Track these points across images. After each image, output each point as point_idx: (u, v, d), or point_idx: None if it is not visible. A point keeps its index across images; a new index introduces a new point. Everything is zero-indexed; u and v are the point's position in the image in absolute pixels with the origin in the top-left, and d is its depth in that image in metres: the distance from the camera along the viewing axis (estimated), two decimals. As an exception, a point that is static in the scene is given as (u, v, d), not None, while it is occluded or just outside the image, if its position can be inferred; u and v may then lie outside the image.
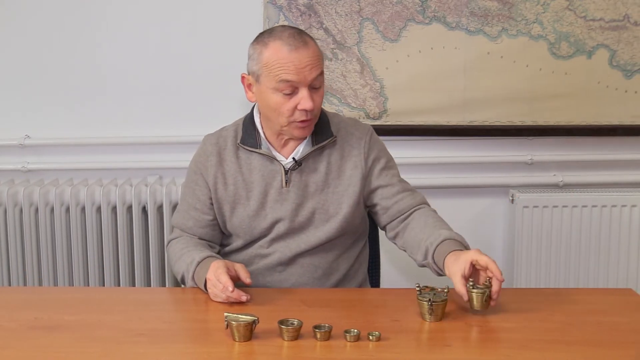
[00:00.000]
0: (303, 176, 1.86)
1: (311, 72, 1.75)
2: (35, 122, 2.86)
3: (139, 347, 1.46)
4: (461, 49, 2.79)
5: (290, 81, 1.74)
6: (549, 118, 2.85)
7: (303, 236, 1.87)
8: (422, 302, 1.58)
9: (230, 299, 1.67)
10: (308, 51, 1.75)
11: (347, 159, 1.88)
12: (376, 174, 1.90)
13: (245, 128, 1.90)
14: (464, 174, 2.93)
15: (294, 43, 1.74)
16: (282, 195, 1.86)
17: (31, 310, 1.65)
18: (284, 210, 1.86)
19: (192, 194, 1.92)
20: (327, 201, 1.87)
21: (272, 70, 1.75)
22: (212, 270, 1.71)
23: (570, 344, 1.48)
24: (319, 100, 1.80)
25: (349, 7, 2.76)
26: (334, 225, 1.87)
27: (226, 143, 1.90)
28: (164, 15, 2.80)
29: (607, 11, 2.78)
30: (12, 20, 2.80)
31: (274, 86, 1.75)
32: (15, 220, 2.78)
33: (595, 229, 2.83)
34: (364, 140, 1.91)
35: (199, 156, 1.93)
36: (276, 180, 1.86)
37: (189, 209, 1.93)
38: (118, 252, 2.80)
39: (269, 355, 1.43)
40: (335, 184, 1.88)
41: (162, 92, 2.84)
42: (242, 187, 1.87)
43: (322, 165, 1.87)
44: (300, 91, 1.75)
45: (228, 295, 1.66)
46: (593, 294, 1.87)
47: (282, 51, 1.74)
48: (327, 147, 1.88)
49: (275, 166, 1.86)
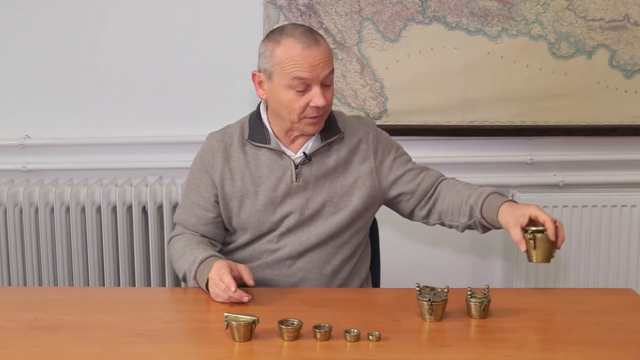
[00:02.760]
0: (313, 170, 1.88)
1: (323, 69, 1.77)
2: (35, 122, 2.86)
3: (138, 347, 1.46)
4: (461, 49, 2.79)
5: (303, 78, 1.76)
6: (549, 118, 2.85)
7: (312, 228, 1.89)
8: (422, 302, 1.59)
9: (231, 299, 1.68)
10: (320, 49, 1.78)
11: (355, 152, 1.92)
12: (389, 165, 1.93)
13: (252, 125, 1.91)
14: (464, 174, 2.92)
15: (306, 41, 1.76)
16: (293, 189, 1.87)
17: (31, 310, 1.65)
18: (294, 204, 1.87)
19: (196, 192, 1.92)
20: (336, 193, 1.89)
21: (285, 68, 1.77)
22: (215, 269, 1.71)
23: (570, 344, 1.48)
24: (330, 97, 1.82)
25: (349, 7, 2.76)
26: (342, 217, 1.89)
27: (232, 140, 1.91)
28: (164, 15, 2.80)
29: (607, 11, 2.78)
30: (12, 20, 2.80)
31: (286, 83, 1.77)
32: (15, 220, 2.78)
33: (595, 229, 2.83)
34: (371, 134, 1.94)
35: (204, 153, 1.93)
36: (286, 174, 1.87)
37: (192, 206, 1.93)
38: (118, 252, 2.80)
39: (269, 355, 1.43)
40: (344, 177, 1.90)
41: (162, 92, 2.84)
42: (249, 182, 1.88)
43: (331, 160, 1.89)
44: (312, 88, 1.78)
45: (230, 295, 1.66)
46: (593, 294, 1.87)
47: (295, 49, 1.76)
48: (335, 143, 1.91)
49: (285, 161, 1.88)
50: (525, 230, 1.64)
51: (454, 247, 2.93)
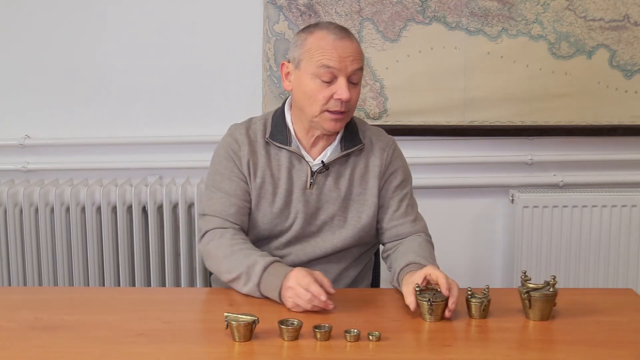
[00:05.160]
0: (327, 181, 1.86)
1: (352, 63, 1.76)
2: (35, 122, 2.86)
3: (138, 347, 1.46)
4: (461, 49, 2.79)
5: (330, 67, 1.74)
6: (549, 118, 2.85)
7: (319, 240, 1.87)
8: (422, 302, 1.59)
9: (314, 308, 1.61)
10: (352, 44, 1.77)
11: (369, 169, 1.89)
12: (387, 189, 1.90)
13: (274, 123, 1.88)
14: (464, 174, 2.93)
15: (339, 33, 1.77)
16: (305, 196, 1.85)
17: (31, 310, 1.65)
18: (304, 213, 1.85)
19: (230, 182, 1.85)
20: (346, 209, 1.87)
21: (314, 56, 1.75)
22: (294, 279, 1.63)
23: (570, 344, 1.48)
24: (355, 97, 1.79)
25: (349, 7, 2.76)
26: (350, 234, 1.87)
27: (256, 135, 1.88)
28: (164, 15, 2.80)
29: (607, 11, 2.78)
30: (12, 20, 2.80)
31: (313, 71, 1.75)
32: (15, 220, 2.78)
33: (595, 229, 2.83)
34: (386, 152, 1.91)
35: (229, 144, 1.87)
36: (301, 180, 1.85)
37: (230, 196, 1.85)
38: (118, 252, 2.80)
39: (269, 355, 1.43)
40: (356, 192, 1.88)
41: (162, 92, 2.84)
42: (269, 182, 1.85)
43: (346, 172, 1.87)
44: (338, 80, 1.75)
45: (315, 304, 1.60)
46: (593, 294, 1.87)
47: (328, 38, 1.76)
48: (353, 154, 1.88)
49: (302, 166, 1.85)
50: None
51: (454, 247, 2.93)
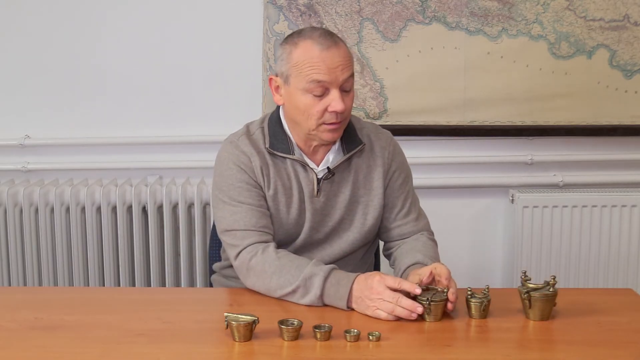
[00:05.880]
0: (333, 186, 1.84)
1: (343, 72, 1.70)
2: (35, 122, 2.86)
3: (138, 347, 1.46)
4: (461, 49, 2.79)
5: (321, 81, 1.69)
6: (549, 118, 2.85)
7: (327, 246, 1.86)
8: (421, 302, 1.59)
9: (400, 314, 1.58)
10: (339, 51, 1.71)
11: (372, 169, 1.87)
12: (392, 188, 1.89)
13: (272, 132, 1.82)
14: (464, 174, 2.93)
15: (325, 42, 1.70)
16: (313, 204, 1.83)
17: (31, 310, 1.65)
18: (312, 220, 1.83)
19: (249, 193, 1.79)
20: (352, 212, 1.86)
21: (302, 70, 1.70)
22: (373, 285, 1.60)
23: (570, 344, 1.48)
24: (349, 104, 1.75)
25: (349, 7, 2.76)
26: (357, 237, 1.86)
27: (259, 146, 1.82)
28: (163, 15, 2.80)
29: (607, 11, 2.78)
30: (12, 20, 2.80)
31: (304, 87, 1.70)
32: (15, 220, 2.78)
33: (595, 229, 2.83)
34: (387, 150, 1.90)
35: (237, 157, 1.80)
36: (308, 188, 1.82)
37: (257, 207, 1.79)
38: (118, 252, 2.80)
39: (269, 355, 1.43)
40: (361, 194, 1.86)
41: (162, 92, 2.84)
42: (282, 192, 1.81)
43: (350, 176, 1.85)
44: (331, 92, 1.70)
45: (398, 312, 1.57)
46: (593, 294, 1.86)
47: (313, 50, 1.69)
48: (355, 156, 1.86)
49: (308, 174, 1.82)
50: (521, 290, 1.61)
51: (454, 247, 2.92)
